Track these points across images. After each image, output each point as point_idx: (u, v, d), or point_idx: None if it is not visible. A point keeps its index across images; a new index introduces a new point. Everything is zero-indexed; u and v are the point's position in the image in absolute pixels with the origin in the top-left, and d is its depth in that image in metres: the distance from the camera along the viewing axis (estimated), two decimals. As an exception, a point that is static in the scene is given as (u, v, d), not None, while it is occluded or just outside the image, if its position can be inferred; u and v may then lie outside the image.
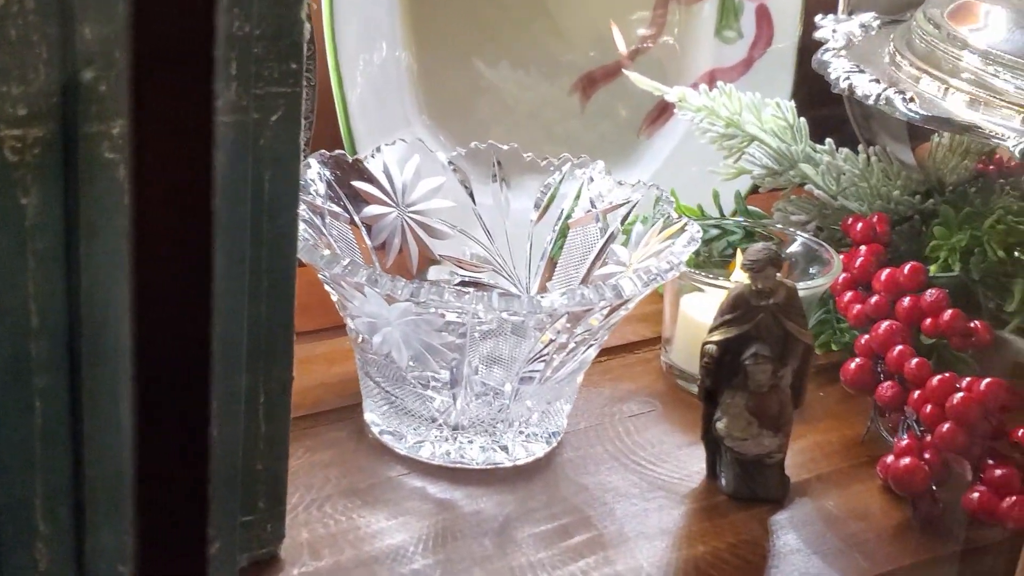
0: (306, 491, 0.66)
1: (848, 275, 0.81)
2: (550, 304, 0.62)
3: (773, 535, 0.67)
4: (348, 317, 0.68)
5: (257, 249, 0.55)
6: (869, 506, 0.70)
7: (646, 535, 0.66)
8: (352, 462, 0.69)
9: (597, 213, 0.76)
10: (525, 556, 0.63)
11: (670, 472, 0.71)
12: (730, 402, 0.68)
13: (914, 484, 0.68)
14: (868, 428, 0.75)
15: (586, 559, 0.63)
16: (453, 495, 0.68)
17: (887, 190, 0.88)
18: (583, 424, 0.75)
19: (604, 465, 0.71)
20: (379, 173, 0.75)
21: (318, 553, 0.62)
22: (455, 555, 0.63)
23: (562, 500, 0.68)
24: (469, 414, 0.68)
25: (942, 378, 0.70)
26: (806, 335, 0.68)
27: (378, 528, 0.64)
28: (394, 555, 0.62)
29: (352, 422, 0.73)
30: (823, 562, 0.65)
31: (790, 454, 0.71)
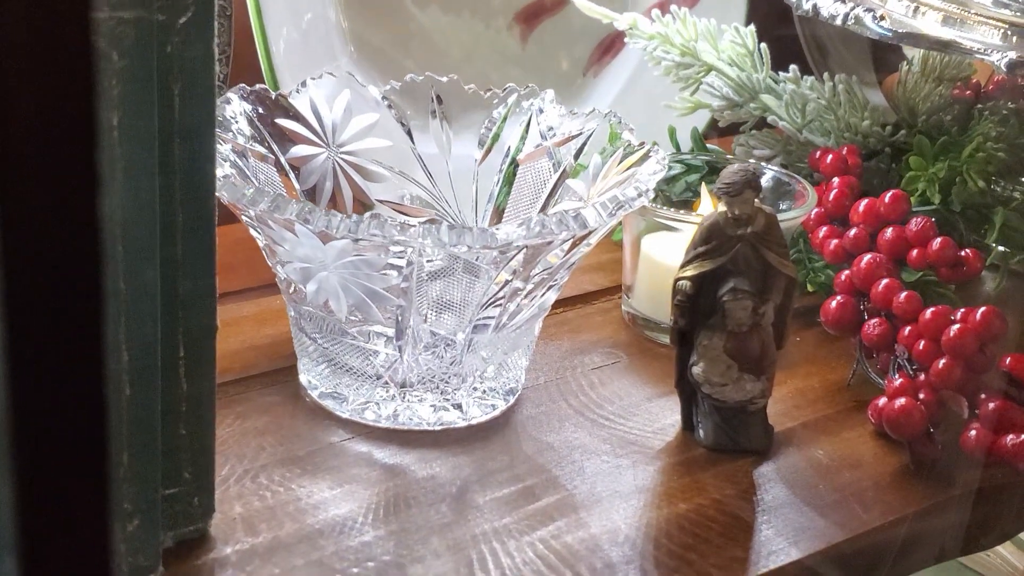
0: (238, 461, 0.59)
1: (821, 210, 0.75)
2: (506, 236, 0.55)
3: (760, 487, 0.60)
4: (278, 266, 0.61)
5: (168, 178, 0.48)
6: (862, 453, 0.64)
7: (621, 494, 0.59)
8: (289, 428, 0.62)
9: (549, 147, 0.69)
10: (489, 523, 0.56)
11: (641, 426, 0.64)
12: (707, 344, 0.62)
13: (911, 426, 0.62)
14: (854, 371, 0.69)
15: (556, 522, 0.56)
16: (403, 459, 0.60)
17: (856, 121, 0.82)
18: (542, 379, 0.68)
19: (569, 421, 0.64)
20: (306, 110, 0.68)
21: (254, 528, 0.54)
22: (409, 524, 0.55)
23: (525, 460, 0.61)
24: (418, 370, 0.61)
25: (935, 310, 0.64)
26: (789, 267, 0.62)
27: (321, 498, 0.57)
28: (341, 527, 0.55)
29: (287, 385, 0.65)
30: (819, 515, 0.58)
31: (770, 402, 0.64)
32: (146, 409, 0.48)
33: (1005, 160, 0.79)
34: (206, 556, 0.52)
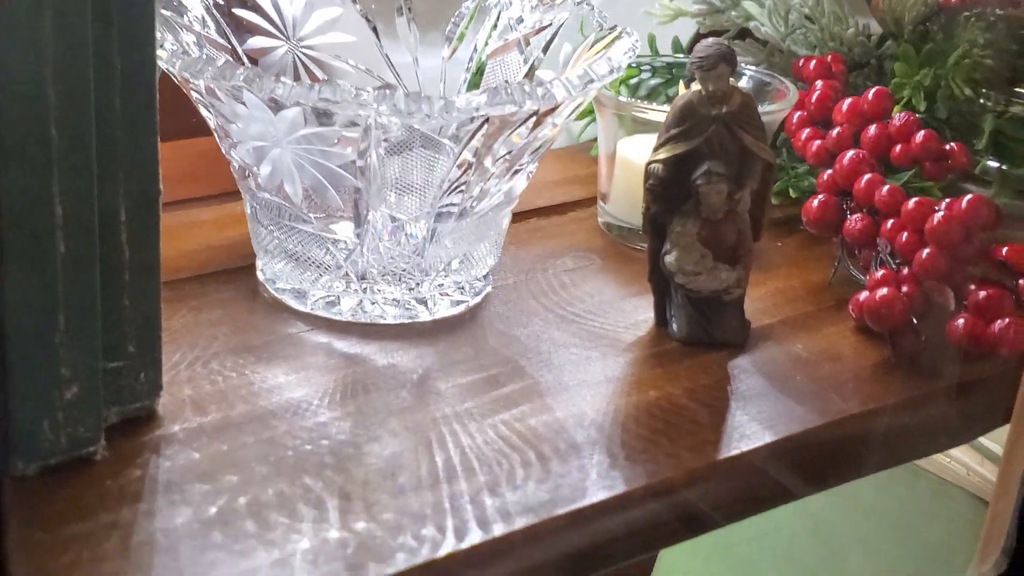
0: (189, 349, 0.56)
1: (804, 113, 0.72)
2: (467, 104, 0.52)
3: (735, 378, 0.58)
4: (232, 152, 0.58)
5: (105, 28, 0.45)
6: (842, 348, 0.61)
7: (589, 383, 0.56)
8: (245, 321, 0.59)
9: (518, 40, 0.67)
10: (450, 407, 0.54)
11: (613, 322, 0.62)
12: (680, 231, 0.59)
13: (892, 316, 0.59)
14: (835, 269, 0.67)
15: (521, 407, 0.54)
16: (364, 350, 0.58)
17: (839, 31, 0.79)
18: (512, 280, 0.65)
19: (537, 317, 0.62)
20: (265, 1, 0.65)
21: (203, 409, 0.52)
22: (367, 408, 0.53)
23: (491, 352, 0.59)
24: (379, 260, 0.59)
25: (919, 200, 0.62)
26: (765, 151, 0.59)
27: (276, 383, 0.54)
28: (295, 409, 0.52)
29: (245, 282, 0.63)
30: (795, 403, 0.56)
31: (748, 301, 0.62)
32: (83, 270, 0.46)
33: (991, 67, 0.76)
34: (152, 433, 0.50)
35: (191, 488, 0.47)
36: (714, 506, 0.51)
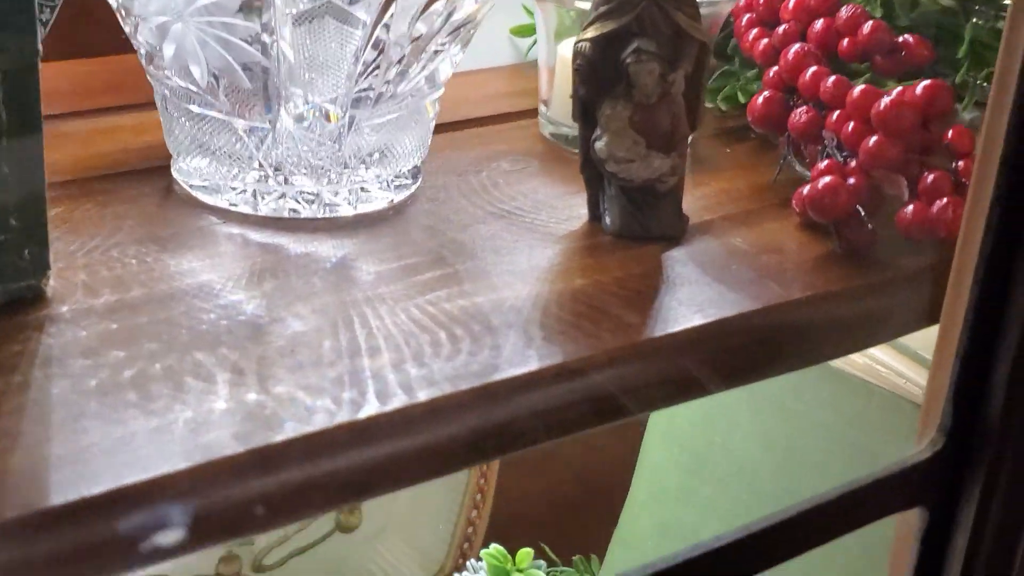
0: (90, 238, 0.53)
1: (753, 15, 0.69)
2: (373, -33, 0.49)
3: (668, 268, 0.55)
4: (137, 36, 0.55)
5: None
6: (784, 241, 0.58)
7: (512, 272, 0.53)
8: (155, 214, 0.56)
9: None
10: (362, 292, 0.51)
11: (545, 219, 0.59)
12: (611, 115, 0.56)
13: (836, 206, 0.56)
14: (780, 167, 0.64)
15: (437, 292, 0.51)
16: (279, 240, 0.55)
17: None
18: (442, 180, 0.62)
19: (466, 214, 0.59)
20: None
21: (96, 292, 0.49)
22: (274, 292, 0.50)
23: (413, 243, 0.56)
24: (296, 151, 0.56)
25: (864, 88, 0.59)
26: (701, 31, 0.56)
27: (179, 270, 0.51)
28: (196, 292, 0.49)
29: (159, 181, 0.60)
30: (729, 289, 0.53)
31: (689, 199, 0.59)
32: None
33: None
34: (37, 313, 0.47)
35: (72, 362, 0.44)
36: (635, 391, 0.48)
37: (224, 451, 0.39)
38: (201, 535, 0.39)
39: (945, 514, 0.46)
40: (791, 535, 0.42)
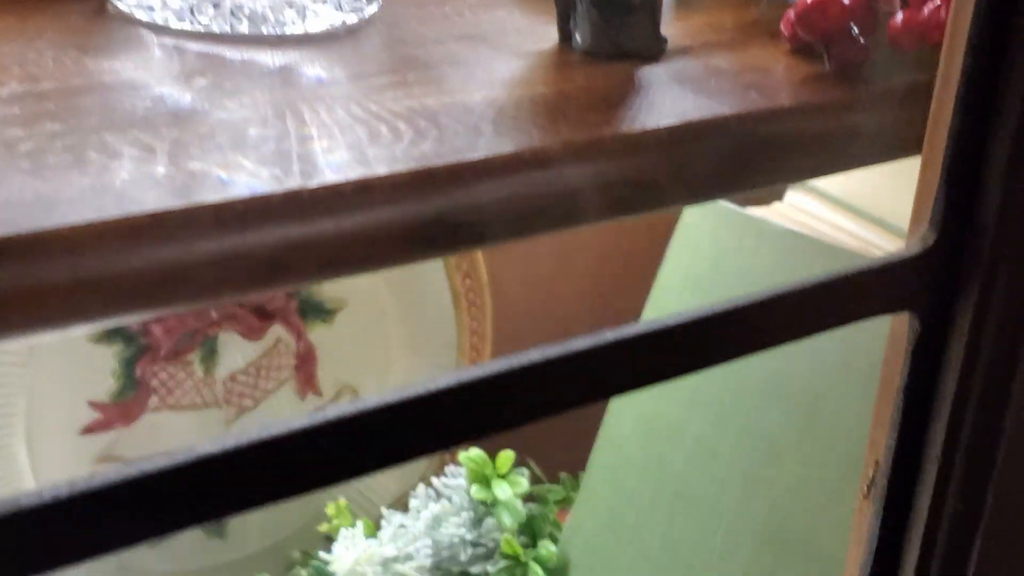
0: (3, 45, 0.49)
1: None
2: None
3: (641, 79, 0.50)
4: None
5: None
6: (771, 63, 0.53)
7: (469, 80, 0.49)
8: (82, 27, 0.52)
9: None
10: (300, 93, 0.46)
11: (513, 41, 0.54)
12: (579, -82, 0.51)
13: (826, 19, 0.52)
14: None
15: (382, 94, 0.46)
16: (217, 50, 0.50)
17: None
18: (402, 7, 0.58)
19: (427, 37, 0.54)
20: None
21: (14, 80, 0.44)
22: (205, 89, 0.46)
23: (362, 56, 0.51)
24: (238, -40, 0.51)
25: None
26: None
27: (99, 69, 0.47)
28: (116, 87, 0.45)
29: (94, 4, 0.55)
30: (707, 98, 0.48)
31: (668, 29, 0.54)
32: None
33: None
34: (-66, 98, 0.42)
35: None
36: (592, 191, 0.44)
37: (122, 211, 0.35)
38: (97, 300, 0.34)
39: (938, 322, 0.42)
40: (769, 321, 0.37)
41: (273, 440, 0.29)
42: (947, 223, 0.40)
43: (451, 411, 0.31)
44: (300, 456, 0.30)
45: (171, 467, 0.28)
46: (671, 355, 0.35)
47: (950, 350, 0.42)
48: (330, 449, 0.30)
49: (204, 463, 0.28)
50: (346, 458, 0.30)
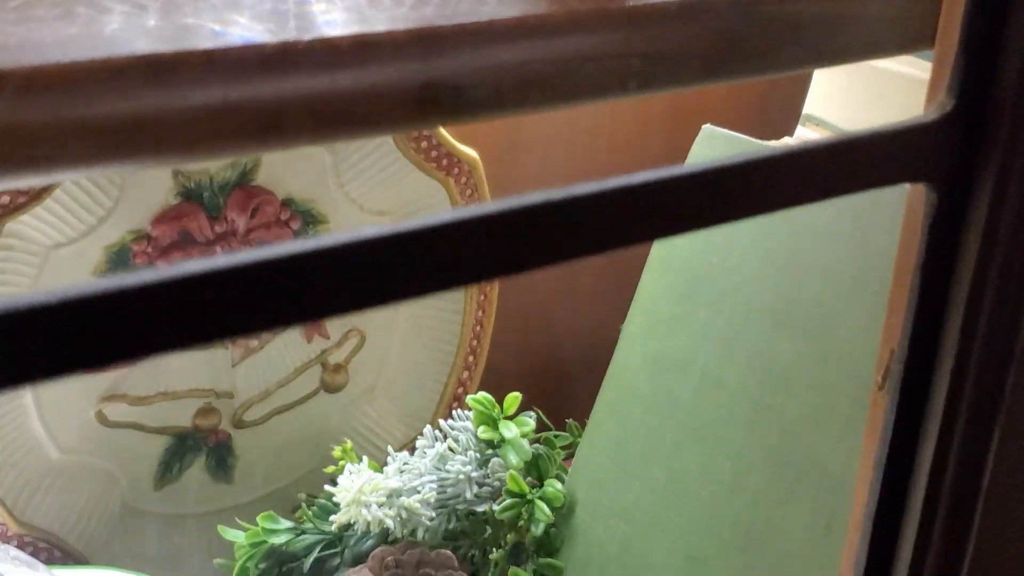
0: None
1: None
2: None
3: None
4: None
5: None
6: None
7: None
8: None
9: None
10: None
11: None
12: None
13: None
14: None
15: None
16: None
17: None
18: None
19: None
20: None
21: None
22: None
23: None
24: None
25: None
26: None
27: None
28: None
29: None
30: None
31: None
32: None
33: None
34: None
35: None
36: (600, 60, 0.42)
37: (110, 53, 0.34)
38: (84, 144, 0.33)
39: (956, 194, 0.40)
40: (781, 178, 0.36)
41: (281, 259, 0.28)
42: (965, 89, 0.39)
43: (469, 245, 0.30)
44: (302, 280, 0.28)
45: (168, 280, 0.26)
46: (682, 207, 0.34)
47: (968, 225, 0.41)
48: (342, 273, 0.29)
49: (204, 279, 0.27)
50: (355, 286, 0.29)
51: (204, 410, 0.93)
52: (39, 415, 0.85)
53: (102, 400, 0.88)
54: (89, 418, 0.88)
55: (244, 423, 0.95)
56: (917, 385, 0.44)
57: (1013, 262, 0.40)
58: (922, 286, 0.42)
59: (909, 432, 0.44)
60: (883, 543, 0.46)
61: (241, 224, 0.87)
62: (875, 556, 0.46)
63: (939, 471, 0.43)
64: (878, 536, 0.45)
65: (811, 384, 0.71)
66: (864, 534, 0.46)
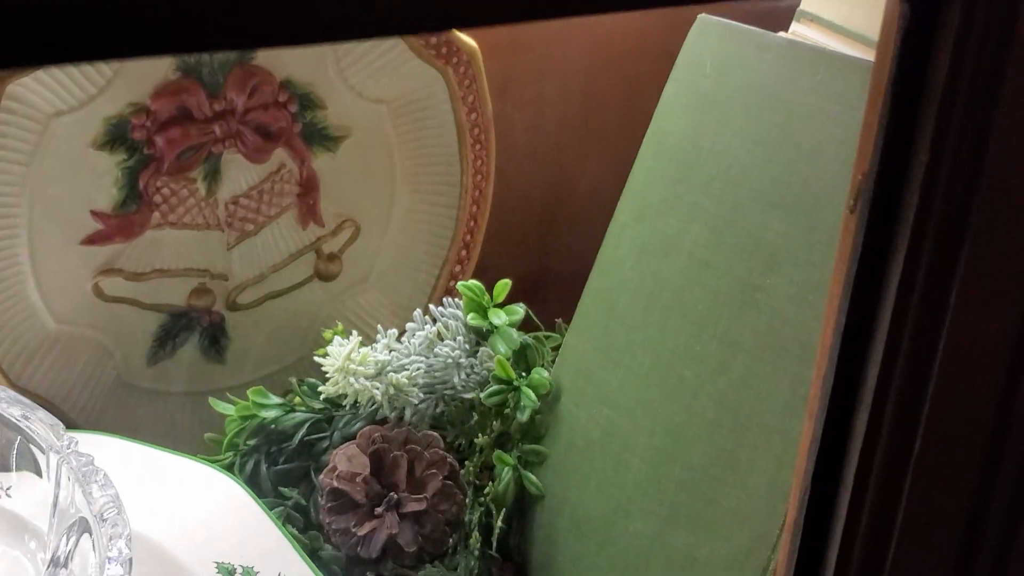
0: None
1: None
2: None
3: None
4: None
5: None
6: None
7: None
8: None
9: None
10: None
11: None
12: None
13: None
14: None
15: None
16: None
17: None
18: None
19: None
20: None
21: None
22: None
23: None
24: None
25: None
26: None
27: None
28: None
29: None
30: None
31: None
32: None
33: None
34: None
35: None
36: None
37: None
38: None
39: (929, 6, 0.42)
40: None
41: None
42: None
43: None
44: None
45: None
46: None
47: (939, 38, 0.42)
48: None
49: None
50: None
51: (199, 290, 0.94)
52: (36, 284, 0.86)
53: (99, 273, 0.89)
54: (86, 291, 0.89)
55: (238, 305, 0.96)
56: (886, 207, 0.45)
57: (982, 77, 0.42)
58: (893, 103, 0.43)
59: (878, 253, 0.46)
60: (851, 367, 0.48)
61: (240, 103, 0.88)
62: (841, 378, 0.48)
63: (907, 288, 0.45)
64: (846, 355, 0.47)
65: (800, 263, 0.72)
66: (832, 355, 0.47)
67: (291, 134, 0.92)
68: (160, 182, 0.89)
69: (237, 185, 0.92)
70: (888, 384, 0.46)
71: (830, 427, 0.49)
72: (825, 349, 0.48)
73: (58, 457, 0.61)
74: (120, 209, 0.88)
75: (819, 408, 0.49)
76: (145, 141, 0.86)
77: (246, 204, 0.93)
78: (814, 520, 0.51)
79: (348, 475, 0.83)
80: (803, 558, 0.52)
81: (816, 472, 0.50)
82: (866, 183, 0.45)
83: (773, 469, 0.72)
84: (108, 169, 0.86)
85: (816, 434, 0.49)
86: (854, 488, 0.49)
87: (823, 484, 0.50)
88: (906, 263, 0.45)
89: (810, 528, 0.51)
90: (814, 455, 0.49)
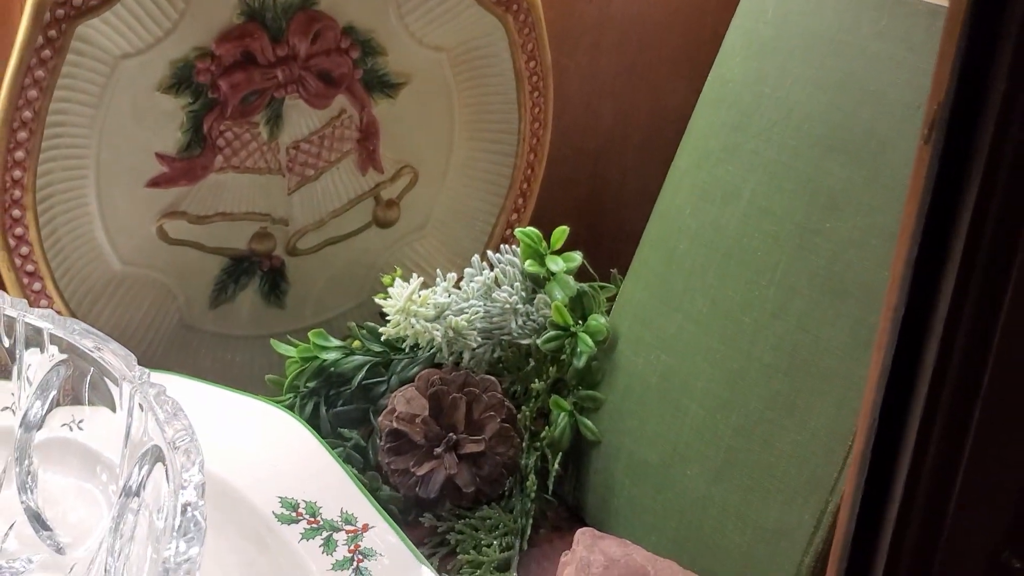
0: None
1: None
2: None
3: None
4: None
5: None
6: None
7: None
8: None
9: None
10: None
11: None
12: None
13: None
14: None
15: None
16: None
17: None
18: None
19: None
20: None
21: None
22: None
23: None
24: None
25: None
26: None
27: None
28: None
29: None
30: None
31: None
32: None
33: None
34: None
35: None
36: None
37: None
38: None
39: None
40: None
41: None
42: None
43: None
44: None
45: None
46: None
47: (1021, -35, 0.42)
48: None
49: None
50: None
51: (260, 234, 0.95)
52: (103, 225, 0.88)
53: (163, 216, 0.91)
54: (151, 233, 0.90)
55: (298, 251, 0.97)
56: (961, 138, 0.45)
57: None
58: (971, 29, 0.43)
59: (953, 184, 0.46)
60: (921, 297, 0.48)
61: (302, 49, 0.89)
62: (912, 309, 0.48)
63: (981, 218, 0.45)
64: (917, 286, 0.47)
65: (860, 207, 0.72)
66: (903, 286, 0.47)
67: (352, 80, 0.93)
68: (223, 126, 0.90)
69: (298, 130, 0.93)
70: (959, 313, 0.46)
71: (899, 359, 0.49)
72: (896, 280, 0.48)
73: (131, 387, 0.62)
74: (184, 152, 0.89)
75: (888, 339, 0.49)
76: (209, 85, 0.87)
77: (307, 149, 0.94)
78: (880, 454, 0.51)
79: (407, 416, 0.84)
80: (869, 491, 0.53)
81: (883, 405, 0.50)
82: (941, 112, 0.45)
83: (833, 412, 0.72)
84: (173, 112, 0.87)
85: (885, 365, 0.49)
86: (922, 420, 0.49)
87: (890, 419, 0.51)
88: (980, 193, 0.45)
89: (876, 461, 0.52)
90: (883, 387, 0.50)
